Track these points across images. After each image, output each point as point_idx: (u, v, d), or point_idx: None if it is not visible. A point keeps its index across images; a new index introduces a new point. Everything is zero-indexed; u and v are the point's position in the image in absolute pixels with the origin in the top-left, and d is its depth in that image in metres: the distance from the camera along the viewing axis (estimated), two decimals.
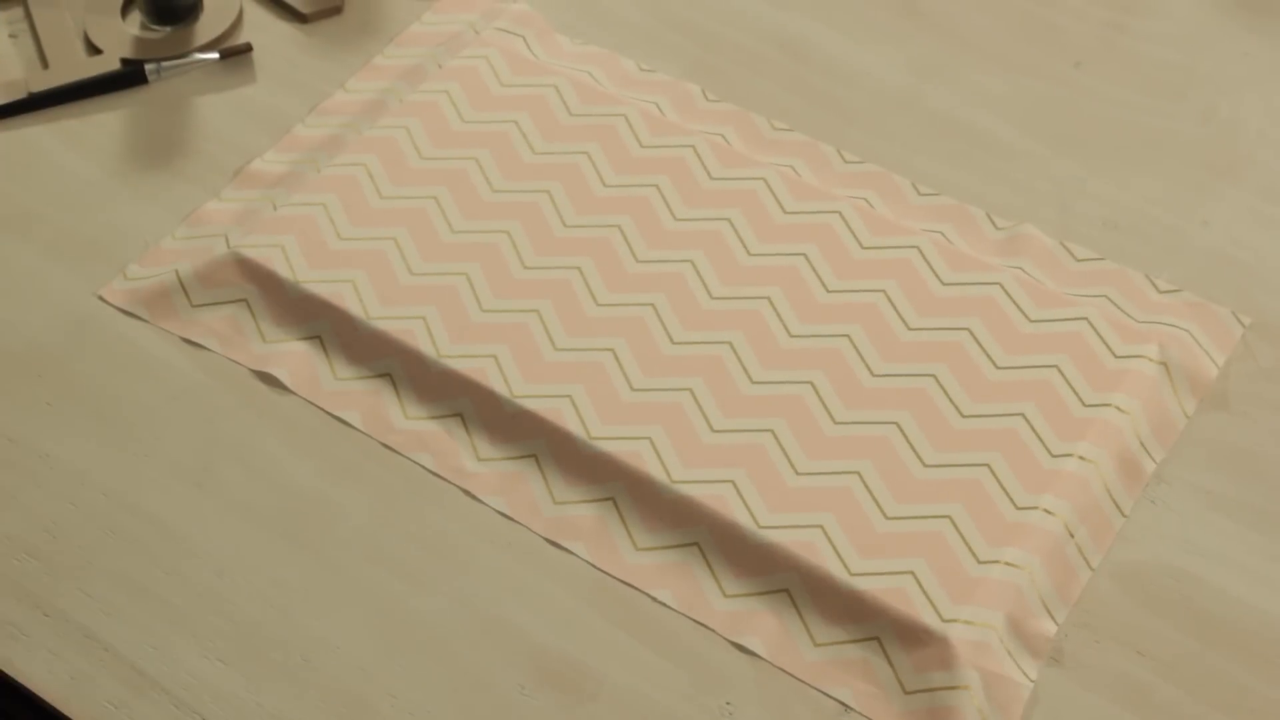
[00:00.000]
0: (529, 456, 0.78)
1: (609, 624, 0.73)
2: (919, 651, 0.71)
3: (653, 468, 0.76)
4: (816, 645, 0.72)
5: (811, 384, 0.80)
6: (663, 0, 1.02)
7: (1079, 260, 0.86)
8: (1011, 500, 0.75)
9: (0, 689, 0.73)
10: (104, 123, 0.96)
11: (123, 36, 1.00)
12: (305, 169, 0.91)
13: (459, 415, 0.80)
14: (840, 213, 0.87)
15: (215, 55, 0.99)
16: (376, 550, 0.76)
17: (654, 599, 0.74)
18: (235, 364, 0.83)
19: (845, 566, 0.73)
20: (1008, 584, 0.72)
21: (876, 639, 0.72)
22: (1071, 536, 0.74)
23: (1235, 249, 0.87)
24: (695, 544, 0.75)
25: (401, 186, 0.89)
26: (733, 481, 0.76)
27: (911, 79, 0.97)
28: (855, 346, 0.81)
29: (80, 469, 0.79)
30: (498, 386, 0.80)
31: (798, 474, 0.76)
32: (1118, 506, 0.76)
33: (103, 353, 0.84)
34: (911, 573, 0.72)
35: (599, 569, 0.75)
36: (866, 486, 0.75)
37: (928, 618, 0.71)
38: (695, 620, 0.73)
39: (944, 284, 0.84)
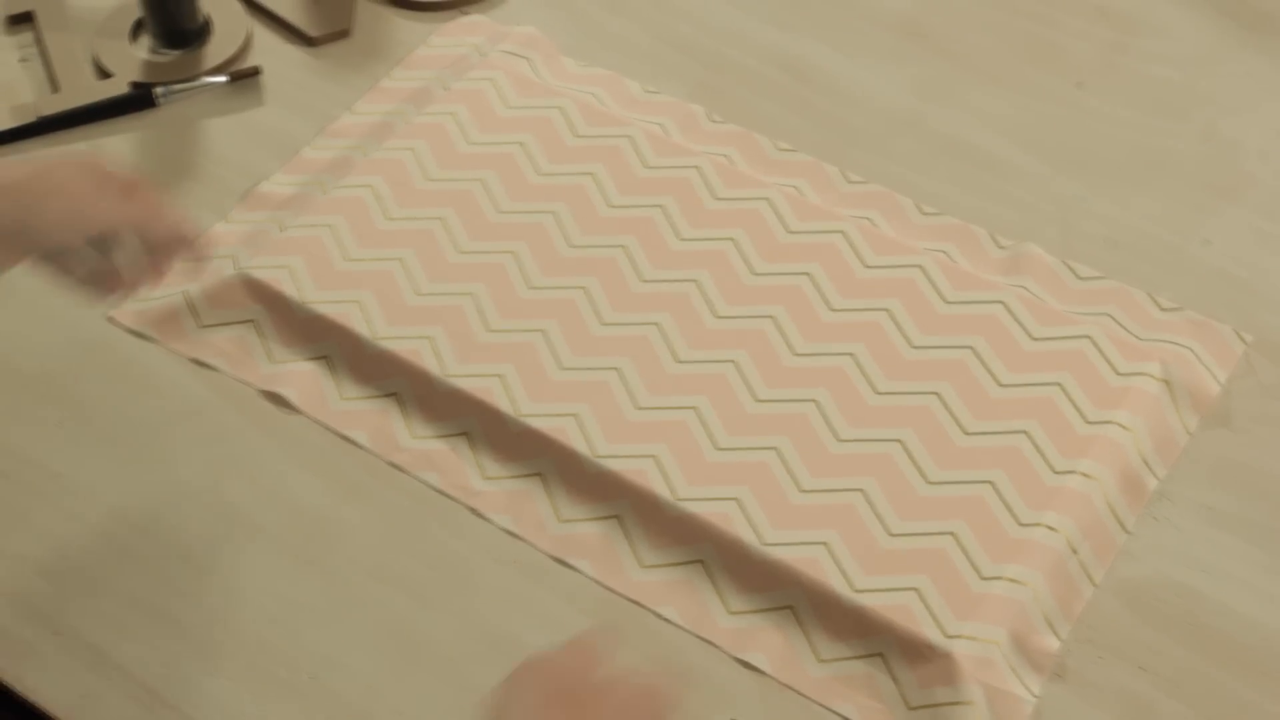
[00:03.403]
0: (535, 475, 0.79)
1: None
2: (923, 667, 0.71)
3: (657, 486, 0.77)
4: (821, 661, 0.72)
5: (815, 402, 0.80)
6: (667, 22, 1.03)
7: (1081, 279, 0.86)
8: (1015, 517, 0.75)
9: (11, 707, 0.73)
10: (113, 146, 0.97)
11: (132, 60, 1.01)
12: (313, 191, 0.92)
13: (465, 434, 0.81)
14: (844, 232, 0.88)
15: (224, 78, 0.99)
16: (383, 568, 0.76)
17: (659, 616, 0.74)
18: (243, 384, 0.84)
19: (849, 583, 0.73)
20: (1011, 600, 0.72)
21: (880, 655, 0.72)
22: (1074, 553, 0.75)
23: (1236, 267, 0.88)
24: (700, 561, 0.75)
25: (408, 208, 0.90)
26: (737, 499, 0.76)
27: (914, 100, 0.98)
28: (859, 365, 0.81)
29: (91, 489, 0.79)
30: (504, 406, 0.80)
31: (802, 491, 0.76)
32: (1120, 523, 0.77)
33: (113, 373, 0.84)
34: (915, 589, 0.73)
35: (604, 586, 0.75)
36: (870, 504, 0.76)
37: (931, 634, 0.71)
38: (700, 637, 0.73)
39: (947, 302, 0.84)
